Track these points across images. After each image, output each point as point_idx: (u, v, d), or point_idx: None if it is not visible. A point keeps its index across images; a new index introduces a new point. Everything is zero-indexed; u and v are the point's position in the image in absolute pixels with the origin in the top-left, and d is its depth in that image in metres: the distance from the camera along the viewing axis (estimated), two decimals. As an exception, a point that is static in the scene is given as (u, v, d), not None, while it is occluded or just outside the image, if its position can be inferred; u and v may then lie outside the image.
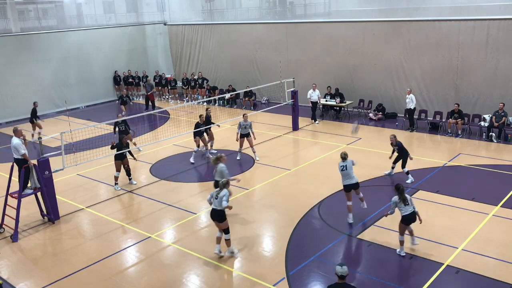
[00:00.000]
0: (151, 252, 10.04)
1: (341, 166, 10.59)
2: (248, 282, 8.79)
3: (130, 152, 13.74)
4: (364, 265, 9.23)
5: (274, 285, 8.62)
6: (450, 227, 10.39)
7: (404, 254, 9.33)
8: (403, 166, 12.92)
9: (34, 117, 18.97)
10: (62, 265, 9.70)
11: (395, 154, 13.19)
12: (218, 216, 9.34)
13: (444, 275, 8.66)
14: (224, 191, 9.32)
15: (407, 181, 12.85)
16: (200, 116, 15.67)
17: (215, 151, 16.40)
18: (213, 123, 16.31)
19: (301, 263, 9.28)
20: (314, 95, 19.69)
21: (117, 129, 16.22)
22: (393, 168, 13.39)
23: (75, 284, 9.02)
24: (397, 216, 10.97)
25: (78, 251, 10.22)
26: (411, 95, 17.66)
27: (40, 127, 18.89)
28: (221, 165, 11.06)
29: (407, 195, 9.17)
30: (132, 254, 10.02)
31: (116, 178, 13.64)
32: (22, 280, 9.24)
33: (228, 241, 9.60)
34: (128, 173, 13.82)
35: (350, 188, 10.62)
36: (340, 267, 6.39)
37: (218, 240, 9.62)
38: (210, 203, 9.58)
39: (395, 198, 9.17)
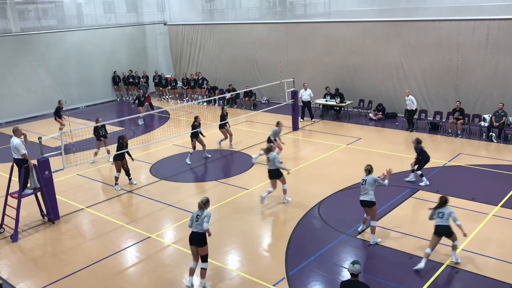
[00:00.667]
0: (151, 252, 10.04)
1: (362, 180, 10.06)
2: (248, 282, 8.79)
3: (128, 152, 13.75)
4: (364, 265, 9.22)
5: (274, 285, 8.62)
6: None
7: (423, 267, 8.78)
8: (419, 168, 12.81)
9: (57, 115, 19.44)
10: (62, 265, 9.70)
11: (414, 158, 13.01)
12: (198, 240, 8.24)
13: (444, 275, 8.66)
14: (206, 211, 8.30)
15: (420, 183, 12.76)
16: (196, 117, 15.66)
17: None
18: (227, 122, 16.66)
19: (301, 263, 9.28)
20: (305, 94, 19.65)
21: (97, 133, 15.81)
22: (413, 171, 13.00)
23: (75, 284, 9.02)
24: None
25: (78, 251, 10.22)
26: (410, 96, 17.64)
27: (61, 124, 19.28)
28: (274, 154, 11.59)
29: (446, 210, 8.86)
30: (132, 254, 10.02)
31: (116, 178, 13.64)
32: (22, 280, 9.24)
33: (204, 271, 8.44)
34: (128, 173, 13.82)
35: (363, 204, 10.03)
36: (352, 265, 6.43)
37: (192, 272, 8.52)
38: (190, 227, 8.41)
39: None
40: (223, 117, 16.66)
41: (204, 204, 8.36)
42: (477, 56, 17.46)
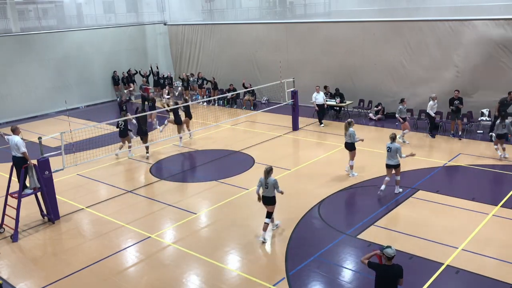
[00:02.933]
0: (151, 252, 10.04)
1: (387, 147, 11.87)
2: (248, 282, 8.79)
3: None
4: (364, 265, 9.21)
5: (274, 285, 8.62)
6: (450, 227, 10.40)
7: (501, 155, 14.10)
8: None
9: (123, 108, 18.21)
10: (62, 265, 9.70)
11: None
12: (269, 201, 10.09)
13: (444, 275, 8.67)
14: (272, 179, 9.90)
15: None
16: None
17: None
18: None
19: (301, 263, 9.28)
20: (319, 97, 19.39)
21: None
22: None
23: (75, 284, 9.02)
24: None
25: (78, 251, 10.22)
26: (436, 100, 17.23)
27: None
28: (351, 130, 13.32)
29: (507, 122, 13.93)
30: (132, 254, 10.02)
31: (147, 148, 15.80)
32: (22, 280, 9.24)
33: (266, 225, 10.22)
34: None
35: (389, 166, 11.95)
36: (390, 248, 6.79)
37: (265, 228, 10.21)
38: (258, 192, 10.09)
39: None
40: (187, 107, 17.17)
41: (268, 172, 9.89)
42: (477, 56, 17.45)
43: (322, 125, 19.38)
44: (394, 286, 6.82)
